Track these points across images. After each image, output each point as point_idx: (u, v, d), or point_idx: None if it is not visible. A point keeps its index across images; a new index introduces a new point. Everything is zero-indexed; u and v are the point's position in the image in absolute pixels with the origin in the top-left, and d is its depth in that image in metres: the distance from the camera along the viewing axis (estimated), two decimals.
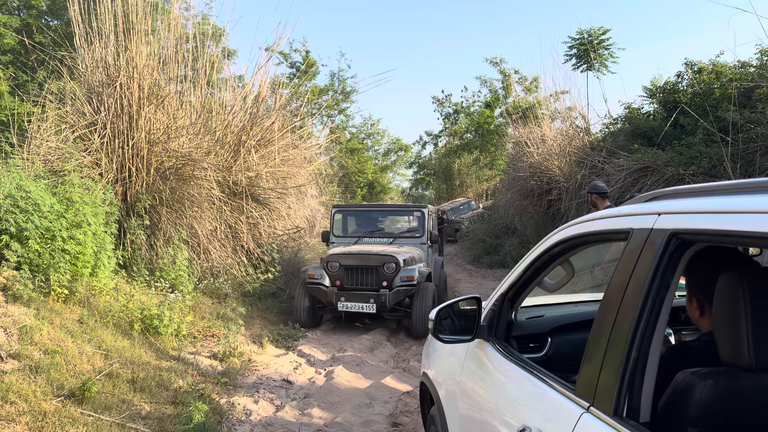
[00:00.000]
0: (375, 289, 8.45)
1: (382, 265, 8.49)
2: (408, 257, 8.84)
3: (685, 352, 1.90)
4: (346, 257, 8.72)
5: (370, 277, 8.55)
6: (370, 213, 11.18)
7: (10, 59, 16.06)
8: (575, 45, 17.34)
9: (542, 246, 2.27)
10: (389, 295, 8.28)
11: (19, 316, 5.00)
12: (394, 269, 8.49)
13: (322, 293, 8.50)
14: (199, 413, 4.40)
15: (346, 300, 8.41)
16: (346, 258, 8.70)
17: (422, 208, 10.16)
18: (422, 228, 9.99)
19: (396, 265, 8.50)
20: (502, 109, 28.56)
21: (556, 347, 2.88)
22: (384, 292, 8.32)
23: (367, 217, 10.92)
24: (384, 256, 8.57)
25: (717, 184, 1.54)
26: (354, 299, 8.40)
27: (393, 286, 8.41)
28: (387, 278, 8.45)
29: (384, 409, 5.46)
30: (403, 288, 8.37)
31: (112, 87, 8.03)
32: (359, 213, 11.04)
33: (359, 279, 8.59)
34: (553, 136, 15.64)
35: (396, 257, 8.56)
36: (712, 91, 10.85)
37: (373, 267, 8.53)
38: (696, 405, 1.41)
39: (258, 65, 10.95)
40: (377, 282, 8.48)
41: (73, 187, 6.41)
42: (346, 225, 10.46)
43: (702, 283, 1.75)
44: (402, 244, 9.66)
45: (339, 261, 8.66)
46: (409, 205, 11.91)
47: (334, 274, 8.60)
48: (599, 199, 6.53)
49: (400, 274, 8.46)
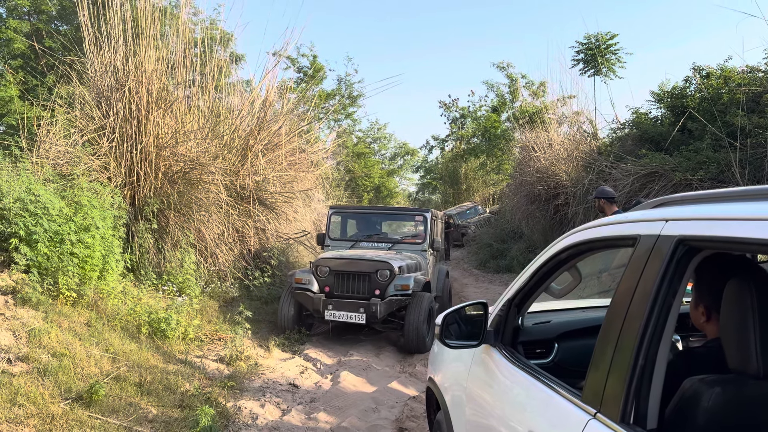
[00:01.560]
0: (366, 297, 7.83)
1: (375, 271, 7.91)
2: (404, 264, 8.26)
3: (692, 358, 1.90)
4: (336, 262, 8.15)
5: (362, 284, 7.95)
6: (369, 216, 10.48)
7: (20, 64, 16.23)
8: (583, 50, 17.30)
9: (549, 252, 2.27)
10: (380, 305, 7.63)
11: (27, 319, 5.04)
12: (388, 277, 7.87)
13: (309, 300, 7.91)
14: (206, 417, 4.41)
15: (335, 308, 7.79)
16: (337, 263, 8.13)
17: (425, 213, 9.59)
18: (424, 234, 9.42)
19: (390, 272, 7.89)
20: (509, 114, 28.53)
21: (562, 353, 2.87)
22: (375, 302, 7.66)
23: (365, 220, 10.32)
24: (377, 262, 8.00)
25: (725, 191, 1.54)
26: (343, 308, 7.78)
27: (386, 296, 7.79)
28: (380, 286, 7.86)
29: (390, 413, 5.46)
30: (396, 298, 7.75)
31: (120, 91, 8.08)
32: (357, 216, 10.43)
33: (350, 286, 8.00)
34: (560, 141, 15.60)
35: (390, 264, 7.96)
36: (720, 96, 10.80)
37: (365, 273, 7.95)
38: (703, 412, 1.41)
39: (266, 70, 10.98)
40: (369, 290, 7.88)
41: (82, 190, 6.45)
42: (343, 228, 9.98)
43: (711, 290, 1.75)
44: (401, 250, 9.09)
45: (329, 266, 8.09)
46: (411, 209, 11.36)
47: (323, 280, 8.04)
48: (607, 204, 6.47)
49: (395, 283, 7.84)
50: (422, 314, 7.63)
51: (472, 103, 32.17)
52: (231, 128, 10.11)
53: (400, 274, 7.98)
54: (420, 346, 7.61)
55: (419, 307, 7.69)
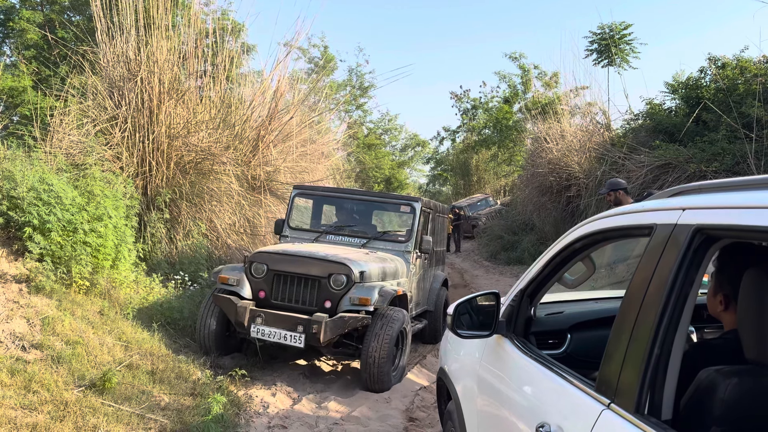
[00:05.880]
0: (312, 311, 5.67)
1: (326, 275, 5.76)
2: (370, 268, 6.03)
3: (707, 349, 1.88)
4: (277, 258, 5.97)
5: (309, 292, 5.81)
6: (342, 201, 7.84)
7: (33, 54, 16.32)
8: (596, 40, 17.13)
9: (563, 241, 2.25)
10: (326, 324, 5.42)
11: (41, 307, 5.08)
12: (344, 284, 5.72)
13: (231, 307, 5.72)
14: (218, 405, 4.44)
15: (264, 323, 5.62)
16: (278, 259, 5.95)
17: (413, 202, 7.19)
18: (409, 230, 7.12)
19: (347, 278, 5.72)
20: (521, 105, 28.39)
21: (575, 344, 2.86)
22: (320, 318, 5.46)
23: (338, 206, 7.96)
24: (331, 264, 5.81)
25: (743, 179, 1.51)
26: (275, 323, 5.59)
27: (338, 310, 5.67)
28: (332, 296, 5.73)
29: (401, 403, 5.47)
30: (350, 315, 5.56)
31: (132, 82, 8.11)
32: (328, 200, 7.87)
33: (293, 294, 5.86)
34: (572, 132, 15.50)
35: (349, 266, 5.76)
36: (735, 86, 10.67)
37: (313, 278, 5.80)
38: (720, 403, 1.39)
39: (277, 60, 10.95)
40: (318, 301, 5.76)
41: (95, 180, 6.48)
42: (316, 215, 7.79)
43: (730, 279, 1.72)
44: (378, 249, 6.91)
45: (267, 262, 5.93)
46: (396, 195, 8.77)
47: (257, 281, 5.92)
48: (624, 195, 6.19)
49: (351, 294, 5.70)
50: (386, 343, 5.54)
51: (484, 94, 32.07)
52: (242, 119, 10.12)
53: (362, 281, 5.82)
54: (381, 383, 5.64)
55: (383, 332, 5.59)
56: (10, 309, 4.85)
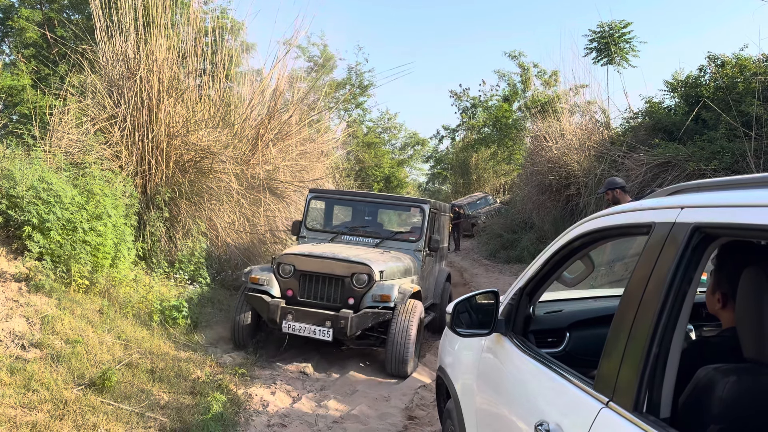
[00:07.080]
0: (337, 307, 6.29)
1: (350, 275, 6.33)
2: (388, 268, 6.64)
3: (706, 347, 1.88)
4: (303, 260, 6.50)
5: (333, 290, 6.40)
6: (355, 204, 8.50)
7: (32, 53, 16.29)
8: (596, 38, 17.09)
9: (562, 240, 2.25)
10: (352, 319, 6.06)
11: (41, 306, 5.09)
12: (366, 283, 6.32)
13: (263, 306, 6.29)
14: (217, 403, 4.45)
15: (295, 319, 6.21)
16: (304, 261, 6.49)
17: (422, 204, 7.82)
18: (419, 229, 7.72)
19: (369, 277, 6.32)
20: (521, 103, 28.35)
21: (574, 342, 2.86)
22: (346, 314, 6.09)
23: (352, 208, 8.61)
24: (354, 264, 6.38)
25: (741, 178, 1.51)
26: (305, 319, 6.19)
27: (361, 307, 6.28)
28: (355, 294, 6.32)
29: (400, 402, 5.48)
30: (373, 311, 6.23)
31: (132, 80, 8.10)
32: (342, 202, 8.61)
33: (318, 292, 6.44)
34: (572, 131, 15.49)
35: (370, 266, 6.35)
36: (735, 85, 10.66)
37: (337, 277, 6.38)
38: (718, 401, 1.40)
39: (276, 59, 10.95)
40: (342, 298, 6.35)
41: (94, 179, 6.49)
42: (328, 216, 8.39)
43: (729, 277, 1.72)
44: (391, 248, 7.48)
45: (294, 264, 6.48)
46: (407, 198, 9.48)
47: (285, 281, 6.47)
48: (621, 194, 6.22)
49: (373, 291, 6.30)
50: (408, 333, 6.20)
51: (484, 92, 31.98)
52: (242, 117, 10.12)
53: (382, 280, 6.44)
54: (400, 369, 6.25)
55: (406, 322, 6.24)
56: (10, 308, 4.85)
